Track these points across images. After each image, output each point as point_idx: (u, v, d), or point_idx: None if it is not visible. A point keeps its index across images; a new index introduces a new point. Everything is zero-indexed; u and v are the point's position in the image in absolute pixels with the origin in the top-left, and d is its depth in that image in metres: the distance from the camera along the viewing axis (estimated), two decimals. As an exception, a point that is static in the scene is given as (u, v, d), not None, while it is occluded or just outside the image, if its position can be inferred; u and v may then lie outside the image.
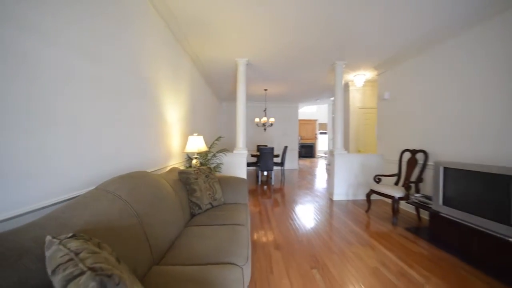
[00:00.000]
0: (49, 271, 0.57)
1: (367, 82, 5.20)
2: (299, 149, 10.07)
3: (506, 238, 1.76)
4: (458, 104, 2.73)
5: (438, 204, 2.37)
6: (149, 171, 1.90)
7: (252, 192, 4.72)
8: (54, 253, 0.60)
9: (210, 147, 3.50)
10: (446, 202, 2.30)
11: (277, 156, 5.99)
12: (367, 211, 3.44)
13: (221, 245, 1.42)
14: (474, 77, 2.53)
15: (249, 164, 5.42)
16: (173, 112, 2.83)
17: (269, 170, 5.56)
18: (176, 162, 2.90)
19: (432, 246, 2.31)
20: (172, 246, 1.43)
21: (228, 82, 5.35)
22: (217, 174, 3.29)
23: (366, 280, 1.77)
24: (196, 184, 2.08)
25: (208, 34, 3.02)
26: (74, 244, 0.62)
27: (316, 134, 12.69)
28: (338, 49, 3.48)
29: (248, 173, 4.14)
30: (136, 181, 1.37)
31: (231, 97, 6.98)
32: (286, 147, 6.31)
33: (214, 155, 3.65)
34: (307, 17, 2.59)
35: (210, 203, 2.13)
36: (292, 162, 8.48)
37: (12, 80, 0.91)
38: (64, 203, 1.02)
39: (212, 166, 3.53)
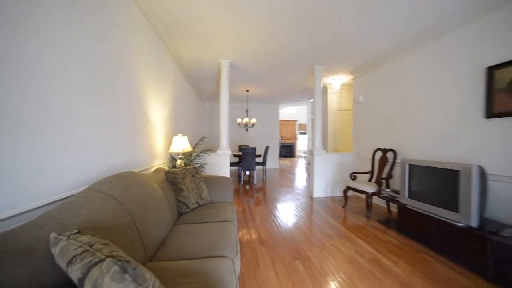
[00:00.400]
0: (63, 263, 0.62)
1: (344, 85, 5.53)
2: (280, 149, 10.31)
3: (455, 223, 2.05)
4: (421, 108, 3.04)
5: (404, 197, 2.64)
6: (136, 171, 1.90)
7: (235, 192, 4.79)
8: (66, 247, 0.64)
9: (194, 147, 3.51)
10: (411, 195, 2.58)
11: (259, 156, 6.11)
12: (344, 206, 3.69)
13: (211, 240, 1.49)
14: (435, 85, 2.85)
15: (231, 164, 5.47)
16: (157, 112, 2.81)
17: (252, 169, 5.66)
18: (160, 162, 2.89)
19: (400, 235, 2.58)
20: (163, 244, 1.47)
21: (211, 82, 5.36)
22: (202, 174, 3.32)
23: (343, 267, 1.95)
24: (183, 184, 2.11)
25: (192, 35, 3.04)
26: (84, 238, 0.67)
27: (296, 134, 13.06)
28: (318, 54, 3.68)
29: (230, 173, 4.21)
30: (127, 181, 1.39)
31: (213, 97, 6.98)
32: (267, 147, 6.46)
33: (197, 155, 3.67)
34: (289, 24, 2.73)
35: (197, 202, 2.18)
36: (273, 161, 8.68)
37: (10, 82, 0.91)
38: (58, 204, 1.03)
39: (196, 166, 3.55)
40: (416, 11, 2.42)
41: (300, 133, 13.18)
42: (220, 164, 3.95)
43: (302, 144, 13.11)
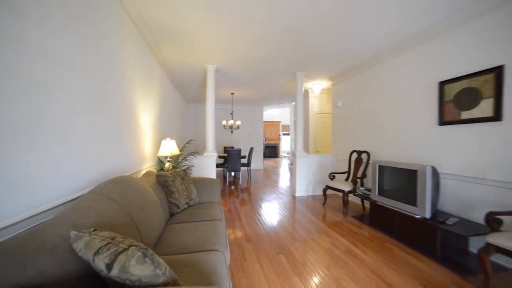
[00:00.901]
0: (89, 254, 0.76)
1: (324, 90, 5.87)
2: (264, 149, 10.55)
3: (414, 215, 2.39)
4: (391, 114, 3.40)
5: (375, 195, 2.96)
6: (127, 174, 2.00)
7: (221, 192, 4.90)
8: (91, 241, 0.78)
9: (181, 150, 3.61)
10: (380, 192, 2.90)
11: (243, 157, 6.27)
12: (323, 204, 3.97)
13: (203, 237, 1.65)
14: (401, 94, 3.21)
15: (217, 165, 5.58)
16: (145, 117, 2.89)
17: (237, 170, 5.81)
18: (148, 165, 2.97)
19: (371, 228, 2.89)
20: (158, 241, 1.61)
21: (196, 85, 5.44)
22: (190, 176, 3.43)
23: (322, 259, 2.19)
24: (173, 186, 2.24)
25: (179, 41, 3.14)
26: (105, 234, 0.81)
27: (279, 135, 13.38)
28: (299, 62, 3.94)
29: (216, 174, 4.34)
30: (124, 185, 1.51)
31: (198, 99, 7.04)
32: (252, 148, 6.64)
33: (184, 158, 3.77)
34: (272, 33, 2.92)
35: (187, 203, 2.31)
36: (258, 162, 8.89)
37: (7, 85, 0.96)
38: (67, 206, 1.14)
39: (184, 168, 3.65)
40: (388, 28, 2.73)
41: (284, 134, 13.52)
42: (207, 166, 4.08)
43: (285, 144, 13.46)
